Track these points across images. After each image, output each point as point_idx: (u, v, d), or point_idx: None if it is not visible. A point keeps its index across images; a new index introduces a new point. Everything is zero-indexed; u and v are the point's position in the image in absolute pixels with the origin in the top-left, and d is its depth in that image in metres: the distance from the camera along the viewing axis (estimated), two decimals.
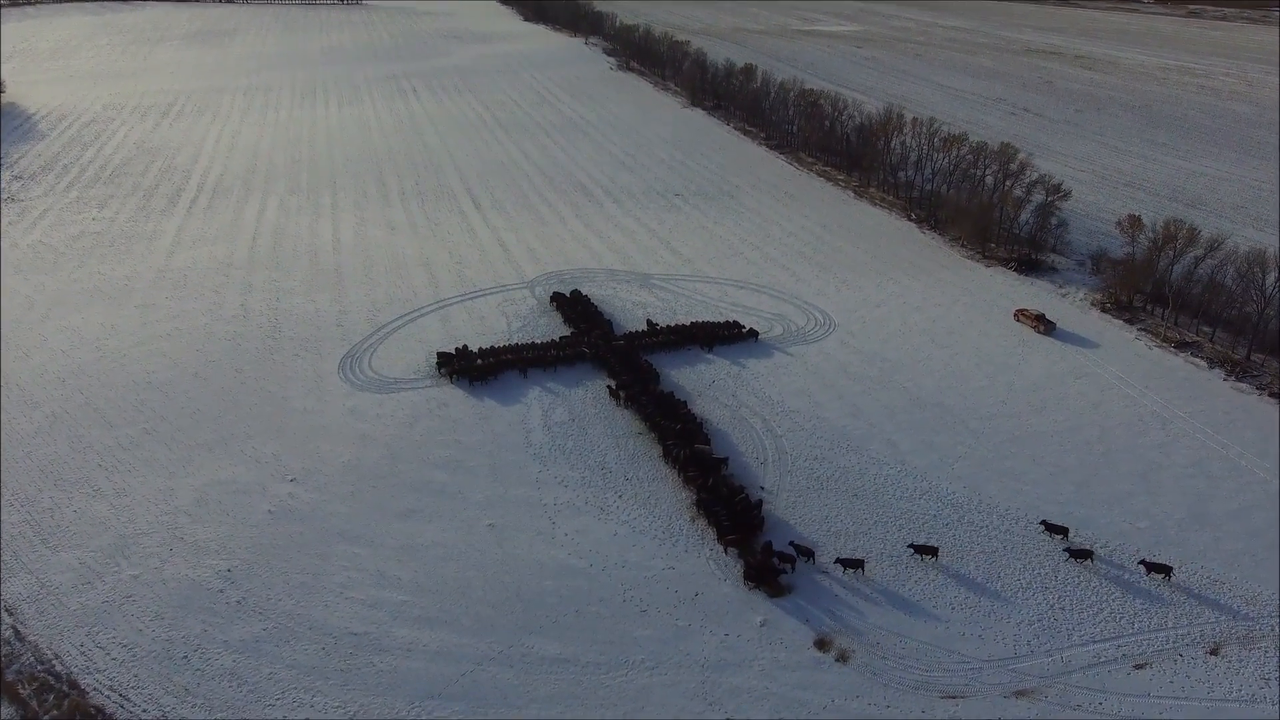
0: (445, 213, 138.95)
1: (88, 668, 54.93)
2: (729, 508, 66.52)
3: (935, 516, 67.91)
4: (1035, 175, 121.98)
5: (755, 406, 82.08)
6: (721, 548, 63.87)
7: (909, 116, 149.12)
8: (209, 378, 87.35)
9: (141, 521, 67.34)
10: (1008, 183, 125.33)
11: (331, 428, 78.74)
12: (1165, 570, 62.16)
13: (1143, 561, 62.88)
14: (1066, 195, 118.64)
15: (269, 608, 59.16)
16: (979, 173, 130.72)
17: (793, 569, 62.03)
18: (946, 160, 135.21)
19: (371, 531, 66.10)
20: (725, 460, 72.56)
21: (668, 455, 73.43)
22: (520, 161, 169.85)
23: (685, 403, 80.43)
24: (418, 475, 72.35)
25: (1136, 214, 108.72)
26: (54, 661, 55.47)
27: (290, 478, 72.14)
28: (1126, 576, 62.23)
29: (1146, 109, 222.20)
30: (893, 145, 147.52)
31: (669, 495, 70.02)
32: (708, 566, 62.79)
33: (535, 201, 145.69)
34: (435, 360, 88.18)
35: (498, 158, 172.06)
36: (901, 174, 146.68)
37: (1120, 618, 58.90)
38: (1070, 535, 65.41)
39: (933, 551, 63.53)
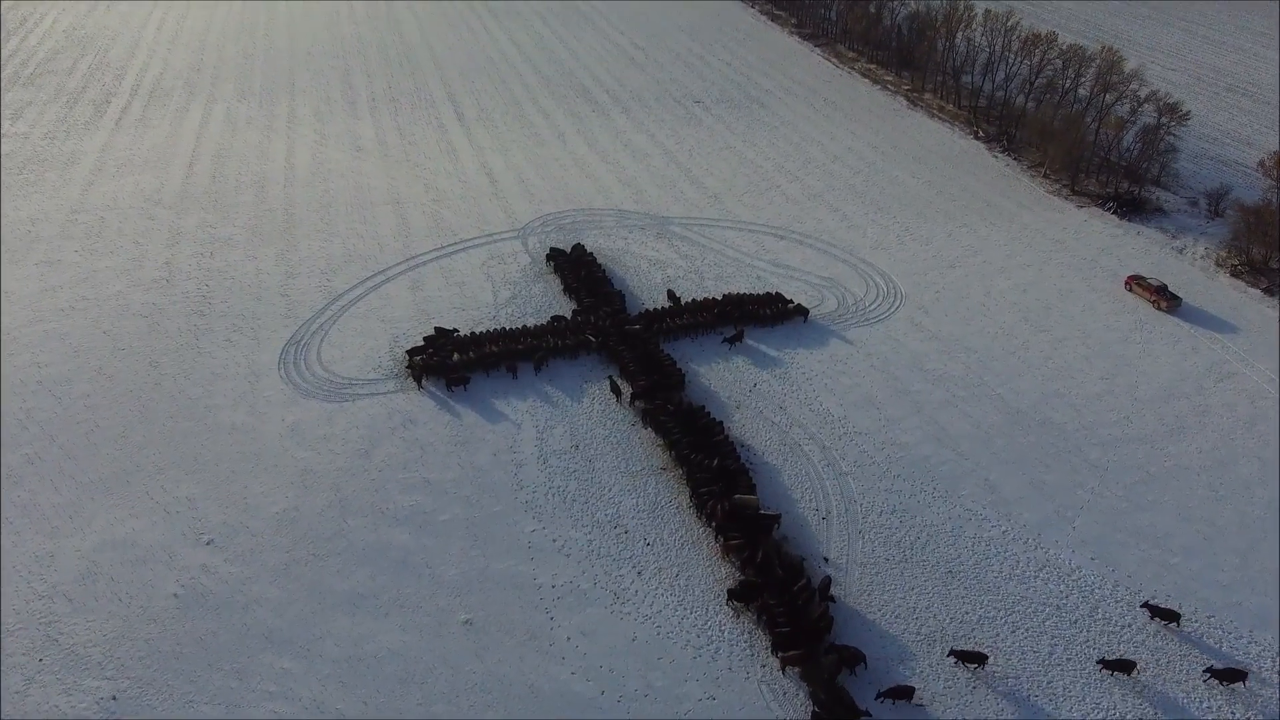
0: (422, 126, 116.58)
1: None
2: (786, 598, 49.67)
3: (1059, 607, 51.04)
4: (1145, 89, 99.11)
5: (810, 425, 63.97)
6: (778, 664, 47.37)
7: (980, 8, 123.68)
8: (116, 374, 68.98)
9: (6, 610, 50.71)
10: (1105, 96, 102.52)
11: (265, 457, 61.04)
12: (1241, 677, 46.62)
13: (1209, 669, 46.91)
14: (1185, 117, 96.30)
15: None
16: (1066, 82, 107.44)
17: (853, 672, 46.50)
18: (1028, 65, 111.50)
19: (308, 631, 49.46)
20: (778, 518, 55.17)
21: (701, 508, 56.02)
22: (512, 56, 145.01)
23: (721, 424, 62.28)
24: (373, 536, 55.18)
25: None
26: None
27: (207, 538, 55.05)
28: None
29: None
30: (956, 43, 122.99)
31: (703, 571, 53.03)
32: (760, 694, 46.39)
33: (529, 111, 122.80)
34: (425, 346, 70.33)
35: (486, 51, 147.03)
36: (966, 78, 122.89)
37: None
38: (1183, 621, 49.83)
39: (979, 660, 47.25)
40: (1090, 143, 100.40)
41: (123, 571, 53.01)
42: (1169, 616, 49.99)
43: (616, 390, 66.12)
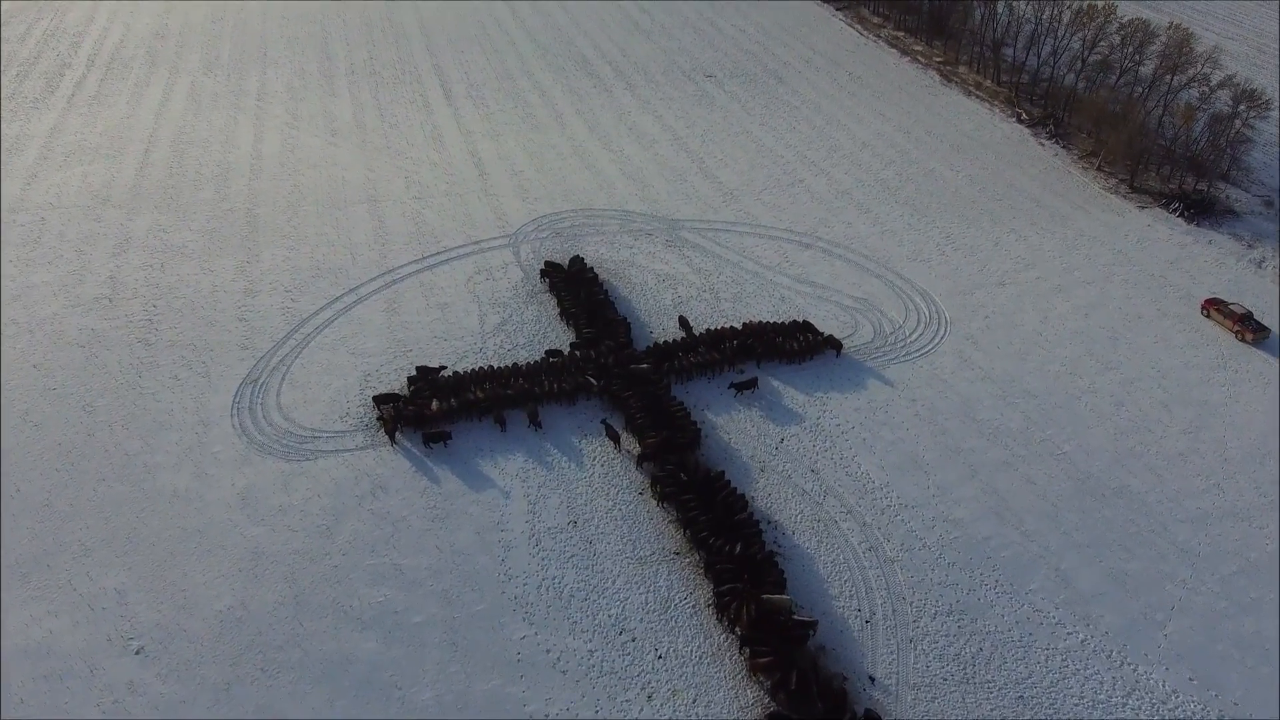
0: (405, 105, 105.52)
1: None
2: None
3: None
4: (1219, 74, 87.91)
5: (847, 495, 54.81)
6: None
7: None
8: (43, 422, 59.71)
9: None
10: (1170, 79, 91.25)
11: (210, 533, 52.10)
12: None
13: None
14: (1266, 106, 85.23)
15: None
16: (1125, 61, 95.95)
17: None
18: (1080, 39, 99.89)
19: None
20: (814, 625, 46.40)
21: (723, 611, 47.21)
22: (506, 22, 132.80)
23: (744, 497, 53.13)
24: (333, 644, 46.47)
25: None
26: None
27: (136, 645, 46.37)
28: None
29: None
30: (997, 10, 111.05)
31: (726, 695, 44.40)
32: None
33: (523, 86, 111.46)
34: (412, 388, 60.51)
35: (477, 16, 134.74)
36: (1006, 51, 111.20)
37: None
38: None
39: None
40: (1153, 132, 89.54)
41: (35, 691, 44.42)
42: None
43: (614, 437, 57.09)
